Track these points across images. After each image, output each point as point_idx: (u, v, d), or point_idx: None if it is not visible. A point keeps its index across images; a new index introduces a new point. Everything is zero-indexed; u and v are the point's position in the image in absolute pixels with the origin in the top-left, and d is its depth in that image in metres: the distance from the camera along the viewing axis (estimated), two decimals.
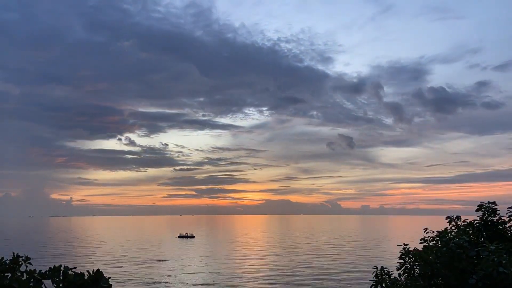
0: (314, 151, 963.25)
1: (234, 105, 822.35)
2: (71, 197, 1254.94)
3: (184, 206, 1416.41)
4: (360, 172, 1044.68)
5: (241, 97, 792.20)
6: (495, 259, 8.21)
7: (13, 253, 7.13)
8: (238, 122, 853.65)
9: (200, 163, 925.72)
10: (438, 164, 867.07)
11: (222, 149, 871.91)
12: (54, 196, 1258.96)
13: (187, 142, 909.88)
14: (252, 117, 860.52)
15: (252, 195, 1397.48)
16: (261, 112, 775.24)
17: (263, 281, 62.05)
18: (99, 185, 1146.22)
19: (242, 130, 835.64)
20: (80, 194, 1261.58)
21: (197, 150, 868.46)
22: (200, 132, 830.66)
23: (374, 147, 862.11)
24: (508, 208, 10.40)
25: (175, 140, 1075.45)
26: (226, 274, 68.04)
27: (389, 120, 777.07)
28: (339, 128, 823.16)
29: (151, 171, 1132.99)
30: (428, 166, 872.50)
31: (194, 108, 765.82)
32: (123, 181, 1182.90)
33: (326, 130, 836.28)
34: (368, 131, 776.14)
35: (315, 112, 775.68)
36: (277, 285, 58.71)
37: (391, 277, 10.44)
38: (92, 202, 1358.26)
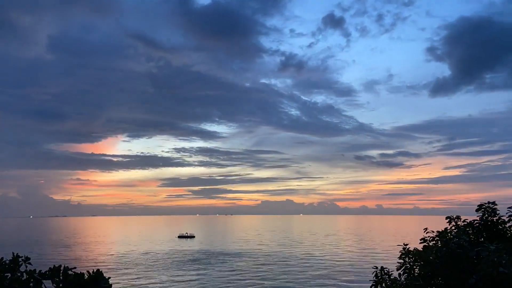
0: (306, 154, 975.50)
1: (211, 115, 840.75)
2: (70, 198, 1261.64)
3: (183, 207, 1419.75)
4: (354, 174, 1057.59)
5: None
6: (495, 259, 8.20)
7: (13, 253, 7.14)
8: (220, 129, 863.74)
9: (196, 165, 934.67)
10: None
11: (215, 152, 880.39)
12: (54, 196, 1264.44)
13: (178, 146, 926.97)
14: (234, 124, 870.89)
15: (250, 196, 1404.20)
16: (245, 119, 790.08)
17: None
18: (98, 186, 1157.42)
19: (228, 136, 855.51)
20: (79, 195, 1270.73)
21: (191, 153, 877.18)
22: (187, 138, 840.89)
23: (364, 150, 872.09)
24: (508, 208, 10.39)
25: (166, 144, 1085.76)
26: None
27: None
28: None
29: (149, 173, 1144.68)
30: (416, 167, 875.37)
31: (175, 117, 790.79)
32: (121, 182, 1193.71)
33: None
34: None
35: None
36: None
37: (391, 277, 10.45)
38: (91, 202, 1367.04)
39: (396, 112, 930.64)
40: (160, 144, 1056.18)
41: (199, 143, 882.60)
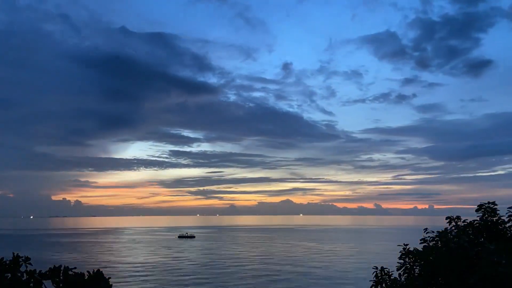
0: (299, 157, 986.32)
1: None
2: (69, 199, 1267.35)
3: (182, 208, 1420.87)
4: (349, 175, 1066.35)
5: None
6: (495, 259, 8.19)
7: (13, 253, 7.15)
8: (207, 135, 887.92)
9: (191, 166, 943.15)
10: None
11: (208, 155, 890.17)
12: (53, 197, 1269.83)
13: (166, 149, 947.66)
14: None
15: (248, 197, 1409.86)
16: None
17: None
18: (97, 187, 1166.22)
19: (222, 139, 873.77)
20: (78, 196, 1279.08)
21: (184, 156, 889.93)
22: (177, 142, 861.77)
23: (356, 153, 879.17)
24: (508, 208, 10.36)
25: (159, 147, 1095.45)
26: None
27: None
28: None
29: (147, 174, 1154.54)
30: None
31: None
32: (120, 183, 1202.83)
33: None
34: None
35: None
36: None
37: (391, 277, 10.44)
38: (90, 203, 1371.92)
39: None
40: (153, 148, 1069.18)
41: (189, 148, 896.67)
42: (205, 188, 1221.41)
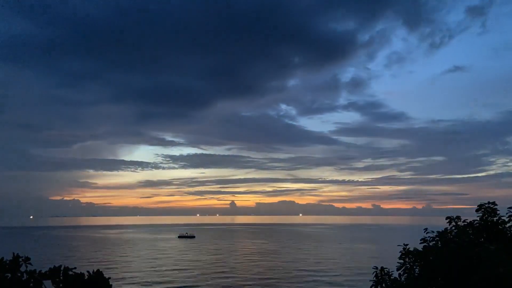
0: (297, 158, 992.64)
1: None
2: (68, 199, 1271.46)
3: (182, 208, 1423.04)
4: (349, 176, 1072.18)
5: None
6: (495, 259, 8.18)
7: (13, 253, 7.14)
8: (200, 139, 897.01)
9: (188, 167, 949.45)
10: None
11: (210, 156, 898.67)
12: (51, 197, 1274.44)
13: (159, 153, 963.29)
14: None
15: (247, 197, 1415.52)
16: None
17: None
18: (96, 188, 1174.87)
19: (210, 143, 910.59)
20: (77, 196, 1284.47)
21: (179, 159, 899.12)
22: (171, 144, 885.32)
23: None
24: (508, 208, 10.36)
25: (155, 151, 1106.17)
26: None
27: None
28: None
29: (145, 175, 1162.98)
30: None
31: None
32: (121, 184, 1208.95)
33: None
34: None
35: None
36: None
37: (391, 277, 10.43)
38: (89, 203, 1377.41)
39: None
40: (150, 151, 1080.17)
41: (184, 151, 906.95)
42: (204, 188, 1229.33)
